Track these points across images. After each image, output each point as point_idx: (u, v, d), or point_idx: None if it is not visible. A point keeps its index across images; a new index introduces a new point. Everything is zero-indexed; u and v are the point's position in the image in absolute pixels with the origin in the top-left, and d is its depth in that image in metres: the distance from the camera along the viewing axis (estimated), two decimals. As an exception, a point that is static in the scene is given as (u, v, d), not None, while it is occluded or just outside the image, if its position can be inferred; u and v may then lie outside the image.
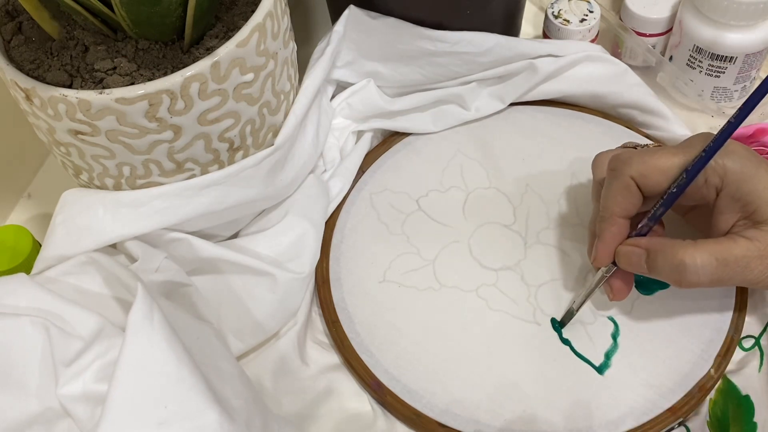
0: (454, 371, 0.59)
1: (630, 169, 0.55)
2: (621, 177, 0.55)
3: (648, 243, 0.55)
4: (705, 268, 0.52)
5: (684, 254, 0.52)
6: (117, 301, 0.55)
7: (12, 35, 0.56)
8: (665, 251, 0.54)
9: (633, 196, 0.55)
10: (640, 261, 0.55)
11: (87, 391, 0.49)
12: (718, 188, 0.54)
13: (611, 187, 0.56)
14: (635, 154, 0.55)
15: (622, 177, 0.55)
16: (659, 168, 0.54)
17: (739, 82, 0.73)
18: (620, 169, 0.55)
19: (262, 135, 0.60)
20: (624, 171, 0.55)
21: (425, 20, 0.68)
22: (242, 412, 0.48)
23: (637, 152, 0.56)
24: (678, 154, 0.54)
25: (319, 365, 0.61)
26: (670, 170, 0.54)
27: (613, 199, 0.56)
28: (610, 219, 0.56)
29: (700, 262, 0.52)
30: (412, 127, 0.73)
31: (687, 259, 0.52)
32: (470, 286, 0.63)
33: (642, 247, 0.55)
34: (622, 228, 0.56)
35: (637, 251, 0.55)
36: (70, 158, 0.56)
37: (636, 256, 0.55)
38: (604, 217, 0.57)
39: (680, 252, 0.53)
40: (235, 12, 0.57)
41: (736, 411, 0.57)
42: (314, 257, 0.63)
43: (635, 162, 0.55)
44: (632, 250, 0.56)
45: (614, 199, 0.56)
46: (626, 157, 0.55)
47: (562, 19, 0.75)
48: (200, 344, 0.52)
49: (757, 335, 0.60)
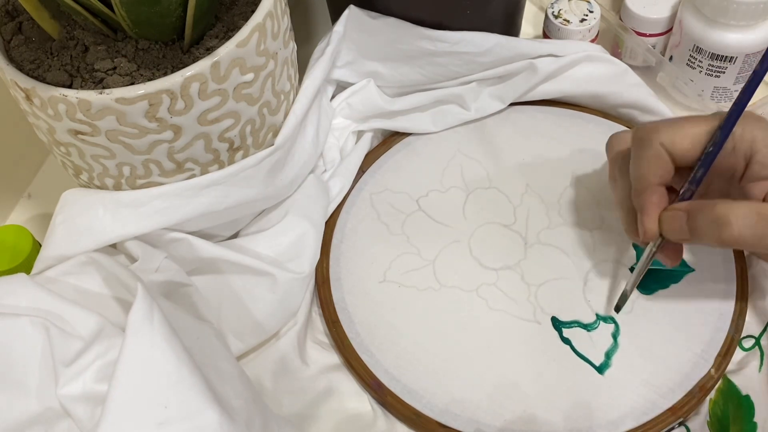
0: (454, 371, 0.59)
1: (660, 136, 0.54)
2: (651, 145, 0.54)
3: (688, 205, 0.54)
4: (746, 220, 0.50)
5: (724, 207, 0.51)
6: (117, 301, 0.55)
7: (12, 35, 0.55)
8: (704, 209, 0.52)
9: (666, 163, 0.54)
10: (682, 224, 0.53)
11: (87, 391, 0.49)
12: (747, 156, 0.53)
13: (642, 157, 0.55)
14: (661, 123, 0.55)
15: (652, 145, 0.54)
16: (689, 134, 0.53)
17: (739, 82, 0.73)
18: (649, 137, 0.54)
19: (262, 135, 0.60)
20: (653, 138, 0.54)
21: (425, 20, 0.68)
22: (242, 412, 0.48)
23: (662, 121, 0.55)
24: (703, 122, 0.54)
25: (319, 365, 0.61)
26: (699, 135, 0.53)
27: (647, 168, 0.54)
28: (649, 188, 0.55)
29: (741, 214, 0.50)
30: (412, 127, 0.73)
31: (728, 211, 0.51)
32: (470, 285, 0.63)
33: (682, 209, 0.54)
34: (662, 196, 0.55)
35: (679, 214, 0.54)
36: (70, 158, 0.56)
37: (678, 219, 0.54)
38: (640, 188, 0.55)
39: (719, 207, 0.51)
40: (235, 12, 0.57)
41: (736, 411, 0.57)
42: (314, 257, 0.63)
43: (664, 130, 0.54)
44: (673, 213, 0.54)
45: (648, 168, 0.54)
46: (653, 126, 0.55)
47: (562, 19, 0.75)
48: (200, 344, 0.52)
49: (758, 335, 0.60)
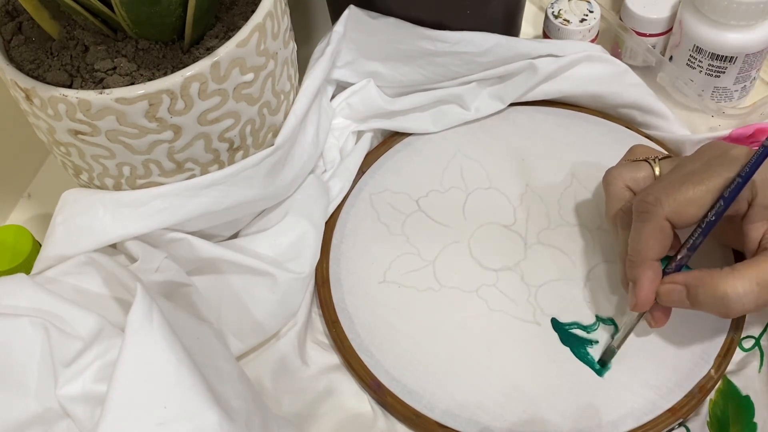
0: (454, 372, 0.59)
1: (663, 211, 0.54)
2: (654, 219, 0.54)
3: (686, 278, 0.54)
4: (748, 295, 0.51)
5: (725, 285, 0.52)
6: (117, 301, 0.55)
7: (12, 35, 0.55)
8: (705, 285, 0.53)
9: (667, 238, 0.54)
10: (682, 297, 0.54)
11: (86, 391, 0.49)
12: (749, 199, 0.53)
13: (644, 231, 0.55)
14: (661, 191, 0.54)
15: (656, 219, 0.54)
16: (692, 201, 0.53)
17: (739, 82, 0.73)
18: (652, 211, 0.54)
19: (262, 135, 0.60)
20: (657, 213, 0.54)
21: (425, 20, 0.68)
22: (242, 412, 0.48)
23: (662, 188, 0.55)
24: (703, 180, 0.53)
25: (319, 365, 0.61)
26: (702, 200, 0.53)
27: (647, 244, 0.55)
28: (644, 264, 0.55)
29: (742, 291, 0.51)
30: (412, 127, 0.73)
31: (729, 290, 0.51)
32: (470, 286, 0.63)
33: (680, 283, 0.54)
34: (657, 270, 0.55)
35: (678, 288, 0.54)
36: (70, 158, 0.56)
37: (677, 293, 0.54)
38: (636, 262, 0.56)
39: (720, 284, 0.52)
40: (235, 12, 0.57)
41: (736, 411, 0.57)
42: (314, 257, 0.63)
43: (666, 202, 0.54)
44: (672, 288, 0.55)
45: (647, 244, 0.55)
46: (655, 198, 0.54)
47: (562, 19, 0.75)
48: (200, 344, 0.51)
49: (757, 336, 0.60)
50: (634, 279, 0.56)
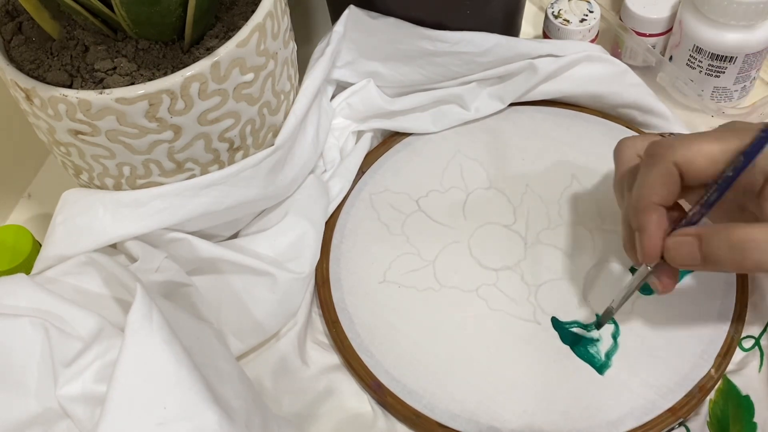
0: (454, 371, 0.59)
1: (674, 155, 0.51)
2: (663, 162, 0.51)
3: (698, 229, 0.51)
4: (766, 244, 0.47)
5: (742, 231, 0.48)
6: (117, 301, 0.55)
7: (12, 35, 0.56)
8: (719, 233, 0.49)
9: (674, 184, 0.52)
10: (693, 250, 0.50)
11: (86, 391, 0.49)
12: (766, 173, 0.50)
13: (650, 174, 0.52)
14: (677, 139, 0.52)
15: (664, 162, 0.51)
16: (706, 154, 0.50)
17: (739, 82, 0.73)
18: (662, 154, 0.52)
19: (262, 135, 0.60)
20: (667, 156, 0.51)
21: (425, 20, 0.68)
22: (242, 412, 0.48)
23: (678, 137, 0.52)
24: (722, 139, 0.51)
25: (319, 366, 0.61)
26: (717, 155, 0.50)
27: (651, 187, 0.52)
28: (649, 207, 0.52)
29: (762, 238, 0.48)
30: (412, 127, 0.73)
31: (746, 236, 0.48)
32: (470, 286, 0.63)
33: (692, 234, 0.51)
34: (662, 217, 0.52)
35: (689, 240, 0.51)
36: (70, 158, 0.56)
37: (687, 246, 0.51)
38: (640, 207, 0.53)
39: (737, 231, 0.49)
40: (235, 12, 0.57)
41: (736, 411, 0.57)
42: (314, 257, 0.63)
43: (679, 147, 0.51)
44: (682, 239, 0.51)
45: (652, 187, 0.52)
46: (668, 143, 0.52)
47: (562, 19, 0.75)
48: (200, 344, 0.51)
49: (758, 335, 0.60)
50: (639, 226, 0.53)
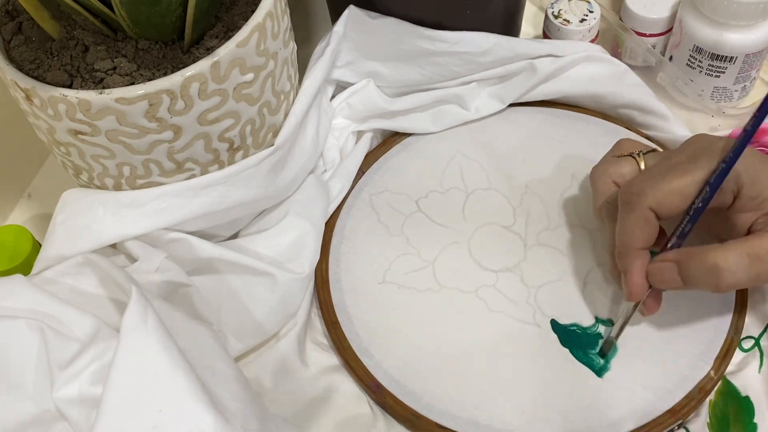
0: (453, 372, 0.59)
1: (647, 200, 0.54)
2: (638, 209, 0.55)
3: (676, 255, 0.55)
4: (739, 265, 0.51)
5: (716, 256, 0.52)
6: (113, 302, 0.55)
7: (12, 35, 0.55)
8: (695, 258, 0.53)
9: (652, 227, 0.55)
10: (673, 275, 0.54)
11: (82, 394, 0.49)
12: (735, 192, 0.53)
13: (628, 221, 0.55)
14: (645, 182, 0.55)
15: (639, 209, 0.55)
16: (676, 191, 0.54)
17: (739, 82, 0.73)
18: (636, 201, 0.55)
19: (262, 135, 0.60)
20: (641, 203, 0.54)
21: (425, 20, 0.68)
22: (238, 414, 0.48)
23: (647, 179, 0.55)
24: (688, 171, 0.54)
25: (319, 366, 0.61)
26: (686, 190, 0.54)
27: (632, 234, 0.55)
28: (632, 254, 0.56)
29: (733, 261, 0.52)
30: (412, 127, 0.73)
31: (719, 260, 0.52)
32: (470, 287, 0.63)
33: (671, 260, 0.55)
34: (645, 259, 0.56)
35: (668, 265, 0.55)
36: (70, 158, 0.56)
37: (668, 270, 0.55)
38: (624, 252, 0.56)
39: (711, 255, 0.52)
40: (235, 12, 0.57)
41: (736, 412, 0.57)
42: (314, 258, 0.63)
43: (650, 191, 0.54)
44: (663, 265, 0.55)
45: (633, 234, 0.55)
46: (639, 189, 0.55)
47: (562, 19, 0.75)
48: (196, 346, 0.51)
49: (757, 336, 0.60)
50: (624, 270, 0.57)
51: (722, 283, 0.52)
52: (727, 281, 0.52)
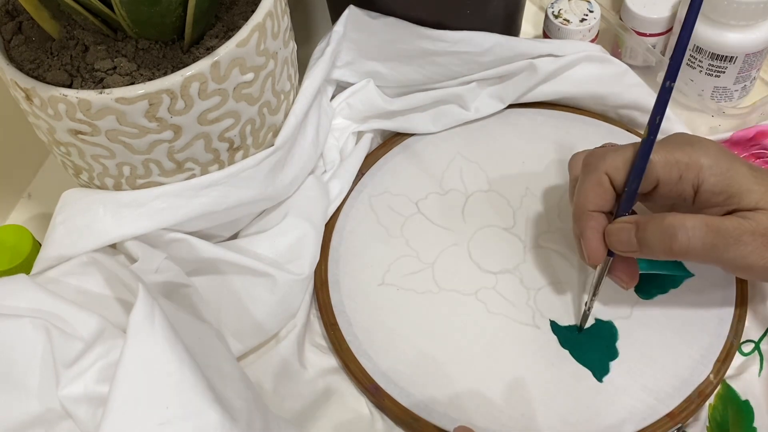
0: (452, 375, 0.59)
1: (604, 164, 0.55)
2: (595, 173, 0.55)
3: (637, 217, 0.55)
4: (695, 230, 0.52)
5: (674, 218, 0.52)
6: (118, 301, 0.55)
7: (12, 35, 0.55)
8: (653, 220, 0.53)
9: (606, 192, 0.55)
10: (630, 236, 0.54)
11: (88, 392, 0.49)
12: (695, 185, 0.54)
13: (584, 184, 0.56)
14: (610, 149, 0.56)
15: (596, 173, 0.55)
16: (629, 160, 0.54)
17: (739, 82, 0.73)
18: (594, 164, 0.55)
19: (262, 135, 0.60)
20: (598, 166, 0.55)
21: (425, 20, 0.68)
22: (243, 412, 0.48)
23: (612, 148, 0.56)
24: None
25: (317, 368, 0.61)
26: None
27: (585, 195, 0.55)
28: (585, 215, 0.56)
29: (690, 225, 0.52)
30: (412, 128, 0.73)
31: (676, 222, 0.52)
32: (469, 289, 0.63)
33: (630, 222, 0.54)
34: (600, 220, 0.56)
35: (626, 226, 0.54)
36: (70, 158, 0.56)
37: (625, 232, 0.54)
38: (578, 214, 0.56)
39: (669, 217, 0.53)
40: (235, 12, 0.57)
41: (736, 416, 0.57)
42: (314, 258, 0.63)
43: (609, 158, 0.55)
44: (620, 226, 0.55)
45: (586, 195, 0.55)
46: (601, 153, 0.56)
47: (562, 19, 0.75)
48: (201, 345, 0.52)
49: (757, 340, 0.60)
50: (580, 232, 0.57)
51: (676, 244, 0.52)
52: (681, 243, 0.52)
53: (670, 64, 0.51)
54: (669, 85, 0.51)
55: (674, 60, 0.51)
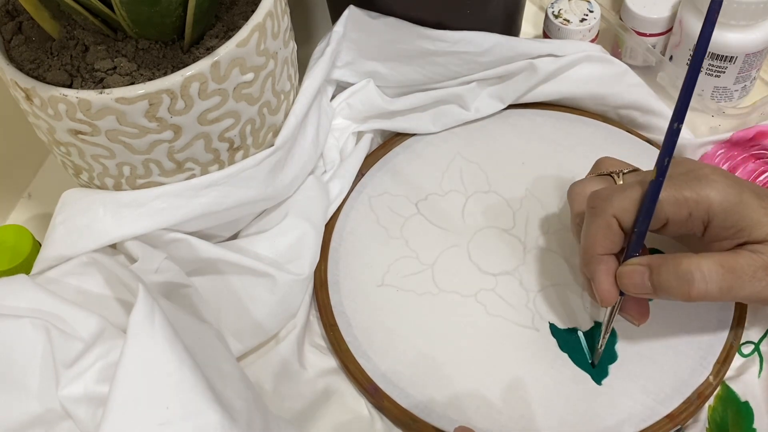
0: (451, 376, 0.59)
1: (611, 207, 0.54)
2: (602, 215, 0.54)
3: (649, 259, 0.54)
4: (712, 274, 0.51)
5: (689, 263, 0.51)
6: (118, 301, 0.55)
7: (12, 35, 0.55)
8: (668, 263, 0.52)
9: (614, 234, 0.54)
10: (643, 279, 0.53)
11: (88, 392, 0.49)
12: (705, 221, 0.53)
13: (591, 226, 0.55)
14: (615, 189, 0.55)
15: (603, 215, 0.54)
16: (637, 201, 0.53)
17: (739, 82, 0.73)
18: (601, 206, 0.54)
19: (262, 135, 0.60)
20: (605, 209, 0.54)
21: (425, 20, 0.68)
22: (243, 412, 0.48)
23: (617, 188, 0.55)
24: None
25: (317, 369, 0.61)
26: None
27: (594, 239, 0.54)
28: (595, 259, 0.55)
29: (706, 270, 0.51)
30: (412, 128, 0.73)
31: (693, 267, 0.51)
32: (469, 290, 0.63)
33: (643, 264, 0.53)
34: (610, 263, 0.55)
35: (639, 269, 0.53)
36: (70, 158, 0.56)
37: (638, 274, 0.53)
38: (587, 258, 0.55)
39: (684, 261, 0.52)
40: (235, 12, 0.57)
41: (736, 417, 0.57)
42: (314, 259, 0.63)
43: (616, 199, 0.54)
44: (633, 269, 0.54)
45: (595, 239, 0.54)
46: (606, 194, 0.55)
47: (562, 19, 0.75)
48: (201, 345, 0.51)
49: (757, 341, 0.60)
50: (590, 276, 0.55)
51: (693, 291, 0.51)
52: (699, 289, 0.51)
53: (678, 106, 0.50)
54: (677, 127, 0.51)
55: (682, 102, 0.50)
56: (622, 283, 0.54)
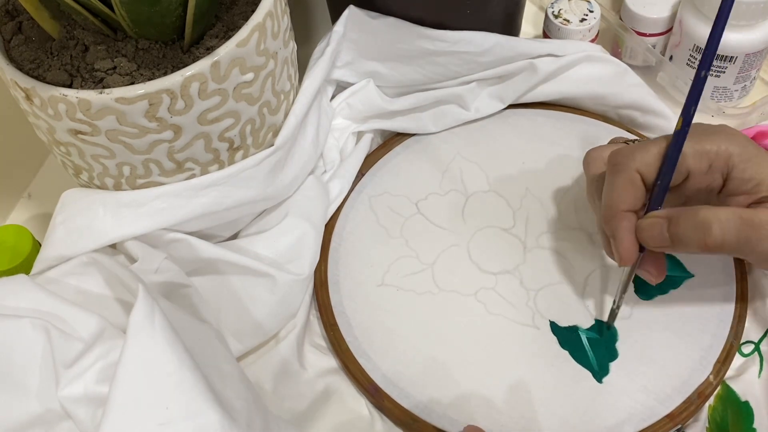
0: (451, 376, 0.59)
1: (634, 162, 0.54)
2: (625, 171, 0.54)
3: (668, 211, 0.54)
4: (729, 224, 0.51)
5: (707, 213, 0.51)
6: (118, 302, 0.55)
7: (12, 35, 0.55)
8: (686, 213, 0.52)
9: (638, 190, 0.54)
10: (662, 230, 0.53)
11: (88, 392, 0.49)
12: (724, 173, 0.53)
13: (615, 183, 0.55)
14: (637, 146, 0.55)
15: (626, 171, 0.54)
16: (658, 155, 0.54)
17: (739, 82, 0.73)
18: (624, 162, 0.54)
19: (262, 135, 0.60)
20: (628, 165, 0.54)
21: (425, 20, 0.68)
22: (243, 412, 0.48)
23: (638, 145, 0.55)
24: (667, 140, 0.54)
25: (317, 369, 0.61)
26: None
27: (618, 195, 0.54)
28: (618, 215, 0.55)
29: (724, 218, 0.51)
30: (412, 128, 0.73)
31: (710, 215, 0.51)
32: (469, 290, 0.63)
33: (662, 216, 0.53)
34: (632, 220, 0.55)
35: (658, 221, 0.53)
36: (70, 158, 0.56)
37: (658, 227, 0.53)
38: (610, 215, 0.55)
39: (702, 211, 0.52)
40: (235, 12, 0.57)
41: (736, 417, 0.57)
42: (314, 259, 0.63)
43: (639, 154, 0.54)
44: (652, 221, 0.54)
45: (619, 195, 0.54)
46: (629, 151, 0.55)
47: (562, 19, 0.75)
48: (201, 345, 0.51)
49: (757, 341, 0.60)
50: (612, 233, 0.55)
51: (710, 239, 0.51)
52: (715, 238, 0.51)
53: (705, 53, 0.50)
54: (704, 75, 0.51)
55: (709, 49, 0.50)
56: (641, 236, 0.54)
